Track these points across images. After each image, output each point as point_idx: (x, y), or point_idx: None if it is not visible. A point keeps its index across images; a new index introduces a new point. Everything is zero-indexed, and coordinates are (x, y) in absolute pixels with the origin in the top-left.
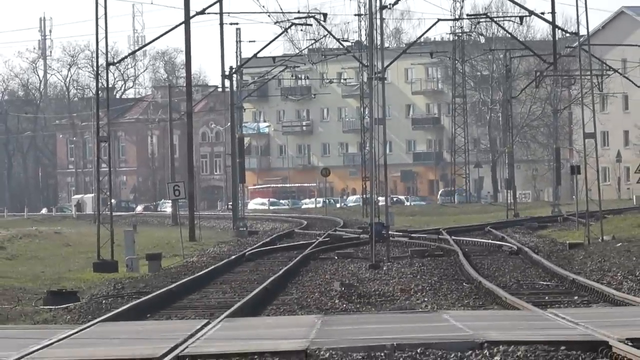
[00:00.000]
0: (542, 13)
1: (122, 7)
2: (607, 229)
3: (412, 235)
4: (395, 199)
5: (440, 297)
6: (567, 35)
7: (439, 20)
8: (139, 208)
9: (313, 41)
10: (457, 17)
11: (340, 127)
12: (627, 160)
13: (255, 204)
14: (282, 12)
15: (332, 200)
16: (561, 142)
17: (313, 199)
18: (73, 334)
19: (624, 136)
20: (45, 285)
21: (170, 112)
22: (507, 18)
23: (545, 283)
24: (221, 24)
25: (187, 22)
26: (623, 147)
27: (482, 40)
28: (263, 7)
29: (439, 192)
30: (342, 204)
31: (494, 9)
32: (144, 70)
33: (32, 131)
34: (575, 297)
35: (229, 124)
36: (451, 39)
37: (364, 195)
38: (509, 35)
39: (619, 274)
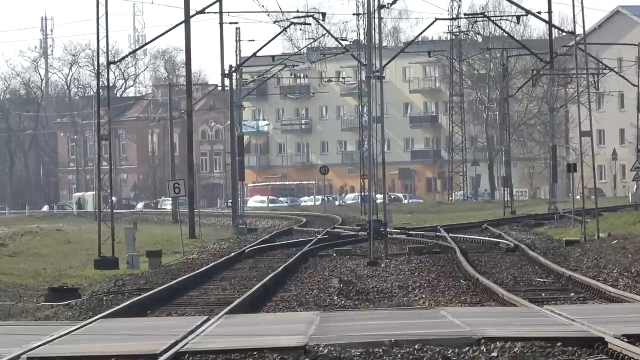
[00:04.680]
0: (539, 12)
1: (122, 6)
2: (603, 226)
3: (410, 232)
4: (393, 197)
5: (438, 294)
6: (564, 34)
7: (436, 19)
8: (140, 206)
9: (312, 40)
10: (454, 16)
11: (339, 125)
12: (623, 159)
13: (254, 201)
14: (282, 12)
15: (331, 198)
16: (558, 140)
17: (312, 197)
18: (74, 330)
19: (620, 134)
20: (46, 282)
21: (171, 111)
22: (505, 17)
23: (542, 280)
24: (221, 24)
25: (187, 22)
26: (619, 146)
27: (480, 39)
28: (262, 6)
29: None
30: (341, 202)
31: (491, 9)
32: (145, 69)
33: (34, 130)
34: (572, 294)
35: (229, 122)
36: (449, 38)
37: (363, 193)
38: (506, 35)
39: (615, 271)
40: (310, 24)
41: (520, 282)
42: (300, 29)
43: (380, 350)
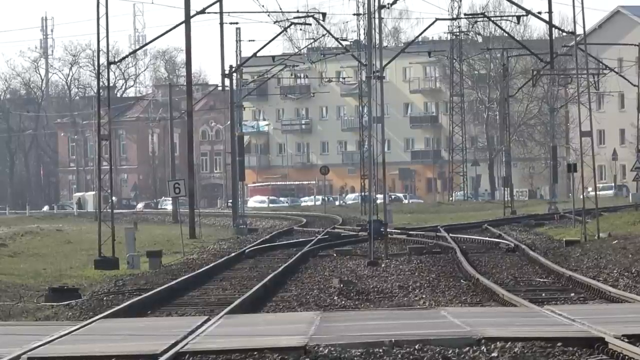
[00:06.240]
0: (539, 12)
1: (123, 6)
2: (604, 226)
3: (410, 232)
4: (393, 197)
5: (438, 293)
6: (564, 34)
7: (436, 19)
8: (140, 206)
9: (312, 40)
10: (454, 16)
11: (339, 125)
12: (623, 159)
13: (254, 201)
14: (282, 12)
15: (331, 198)
16: (558, 140)
17: (312, 197)
18: (74, 330)
19: (620, 134)
20: (46, 282)
21: (171, 111)
22: (505, 17)
23: (542, 280)
24: (221, 24)
25: (187, 22)
26: (619, 145)
27: (480, 39)
28: (262, 6)
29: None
30: (341, 202)
31: (491, 9)
32: (145, 69)
33: (34, 130)
34: (572, 294)
35: (229, 122)
36: (449, 38)
37: (363, 193)
38: (506, 35)
39: (615, 271)
40: (310, 24)
41: (520, 282)
42: (300, 29)
43: (380, 350)
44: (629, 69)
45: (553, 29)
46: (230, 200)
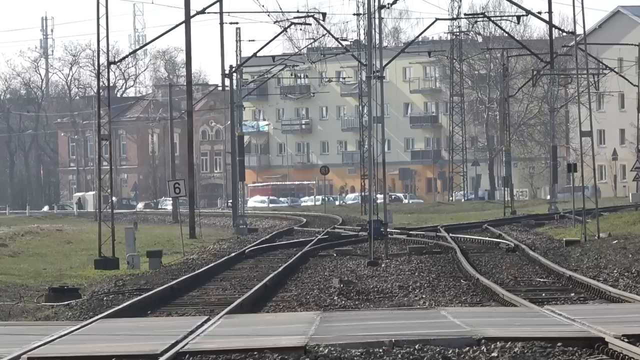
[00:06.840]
0: (539, 12)
1: (123, 6)
2: (604, 226)
3: (410, 232)
4: (393, 197)
5: (438, 293)
6: (564, 34)
7: (436, 19)
8: (140, 206)
9: (312, 40)
10: (454, 16)
11: (339, 125)
12: (623, 158)
13: (254, 201)
14: (282, 12)
15: (331, 198)
16: (558, 140)
17: (312, 197)
18: (74, 330)
19: (620, 134)
20: (47, 282)
21: (171, 111)
22: (505, 17)
23: (542, 280)
24: (221, 24)
25: (187, 22)
26: (619, 145)
27: (480, 39)
28: (263, 6)
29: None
30: (341, 202)
31: (491, 9)
32: (145, 69)
33: (34, 129)
34: (572, 294)
35: (229, 122)
36: (449, 38)
37: (363, 193)
38: (506, 35)
39: (615, 271)
40: (310, 24)
41: (521, 282)
42: (300, 29)
43: (380, 350)
44: (629, 69)
45: (553, 29)
46: (230, 200)
